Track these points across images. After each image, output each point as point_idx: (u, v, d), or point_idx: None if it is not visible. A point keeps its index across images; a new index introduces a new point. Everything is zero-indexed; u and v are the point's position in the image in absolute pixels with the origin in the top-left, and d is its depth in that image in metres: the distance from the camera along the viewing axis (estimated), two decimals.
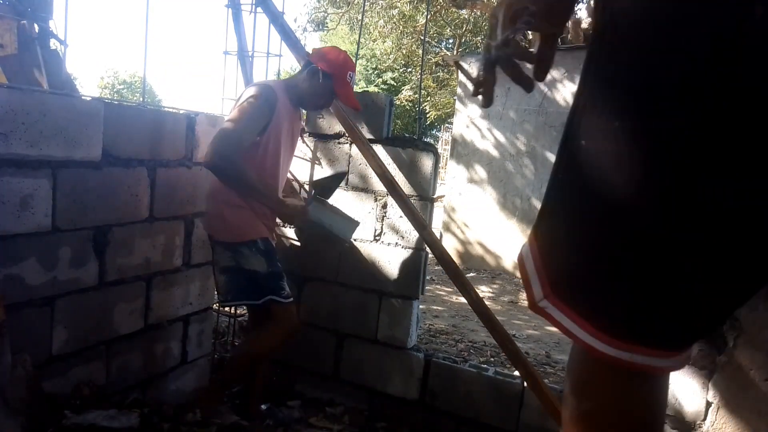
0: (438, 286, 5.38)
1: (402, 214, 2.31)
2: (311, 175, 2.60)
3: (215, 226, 2.13)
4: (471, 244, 6.31)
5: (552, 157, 5.67)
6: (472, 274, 5.97)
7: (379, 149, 2.41)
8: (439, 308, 4.63)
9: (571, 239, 0.70)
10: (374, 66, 20.64)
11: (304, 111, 2.46)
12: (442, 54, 13.65)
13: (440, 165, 2.81)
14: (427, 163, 2.37)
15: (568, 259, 0.70)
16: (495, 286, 5.67)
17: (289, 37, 2.50)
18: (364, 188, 2.50)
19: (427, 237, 2.27)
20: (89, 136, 1.88)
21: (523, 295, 5.41)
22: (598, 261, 0.67)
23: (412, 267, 2.41)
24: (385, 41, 13.43)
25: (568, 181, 0.70)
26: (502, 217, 6.06)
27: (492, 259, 6.19)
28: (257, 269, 2.08)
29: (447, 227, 6.47)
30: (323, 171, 2.57)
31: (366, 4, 10.62)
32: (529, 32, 0.83)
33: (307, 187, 2.61)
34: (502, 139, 6.04)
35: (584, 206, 0.67)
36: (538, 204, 5.81)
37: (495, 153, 6.09)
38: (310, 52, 2.26)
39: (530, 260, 0.74)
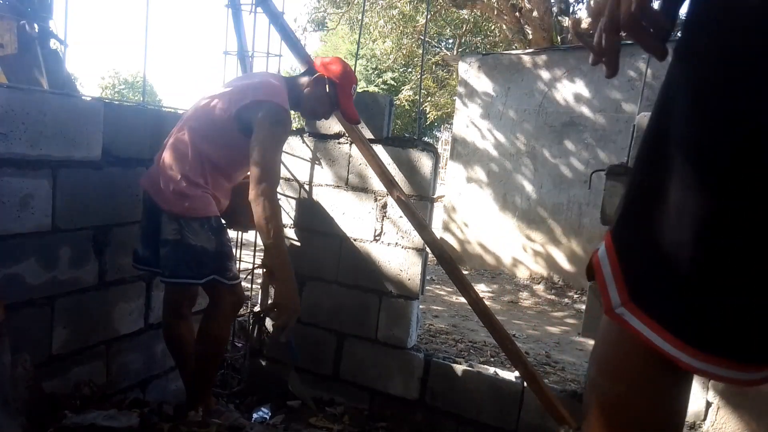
0: (438, 286, 5.38)
1: (402, 213, 2.31)
2: (311, 176, 2.60)
3: (166, 195, 1.92)
4: (471, 243, 6.31)
5: (552, 157, 5.70)
6: (471, 274, 5.97)
7: (379, 149, 2.41)
8: (439, 308, 4.63)
9: (654, 247, 0.67)
10: (374, 66, 20.63)
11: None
12: (442, 54, 13.64)
13: (440, 165, 2.81)
14: (427, 163, 2.37)
15: (656, 269, 0.67)
16: (495, 285, 5.67)
17: (289, 37, 2.49)
18: (363, 188, 2.50)
19: (427, 237, 2.27)
20: (89, 135, 1.88)
21: (523, 295, 5.42)
22: (691, 274, 0.64)
23: (412, 267, 2.41)
24: (385, 41, 13.42)
25: (660, 192, 0.67)
26: (502, 216, 6.06)
27: (492, 259, 6.19)
28: (205, 246, 1.93)
29: (447, 227, 6.47)
30: (323, 171, 2.57)
31: (366, 4, 10.61)
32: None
33: (306, 187, 2.62)
34: (502, 138, 6.04)
35: (680, 219, 0.64)
36: (538, 204, 5.81)
37: (495, 153, 6.09)
38: (313, 59, 2.21)
39: (607, 265, 0.72)
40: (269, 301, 2.22)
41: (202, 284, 1.97)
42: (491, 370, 2.37)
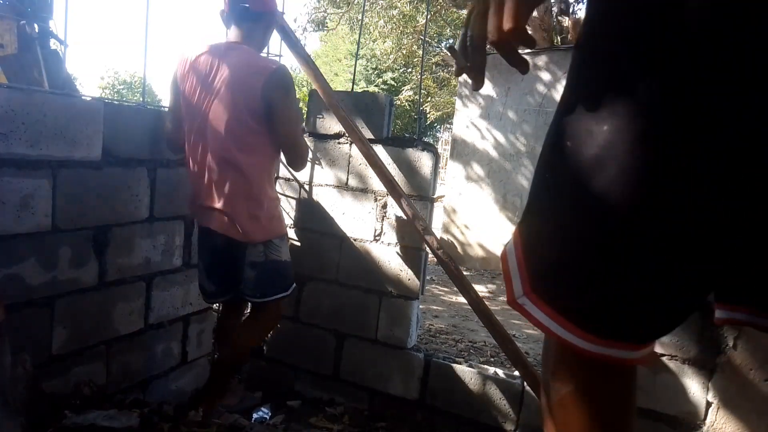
0: (438, 286, 5.38)
1: (402, 214, 2.31)
2: (311, 176, 2.60)
3: (248, 229, 1.94)
4: (471, 243, 6.31)
5: None
6: (471, 274, 5.97)
7: (379, 149, 2.41)
8: (439, 308, 4.63)
9: (551, 236, 0.71)
10: (374, 66, 20.64)
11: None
12: (442, 54, 13.64)
13: (440, 165, 2.81)
14: (427, 163, 2.37)
15: (548, 256, 0.71)
16: (494, 286, 5.67)
17: (289, 37, 2.49)
18: (363, 188, 2.50)
19: (426, 237, 2.27)
20: (89, 136, 1.88)
21: None
22: (575, 258, 0.68)
23: (412, 267, 2.41)
24: (385, 41, 13.43)
25: (553, 181, 0.71)
26: (502, 217, 6.06)
27: (492, 259, 6.19)
28: (286, 259, 2.08)
29: (447, 227, 6.47)
30: (323, 171, 2.57)
31: (366, 4, 10.62)
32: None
33: (306, 187, 2.62)
34: (501, 139, 6.04)
35: (566, 205, 0.69)
36: None
37: (495, 153, 6.09)
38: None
39: (513, 257, 0.75)
40: None
41: (289, 295, 2.11)
42: (491, 370, 2.37)
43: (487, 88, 6.10)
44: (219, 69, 1.91)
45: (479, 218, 6.21)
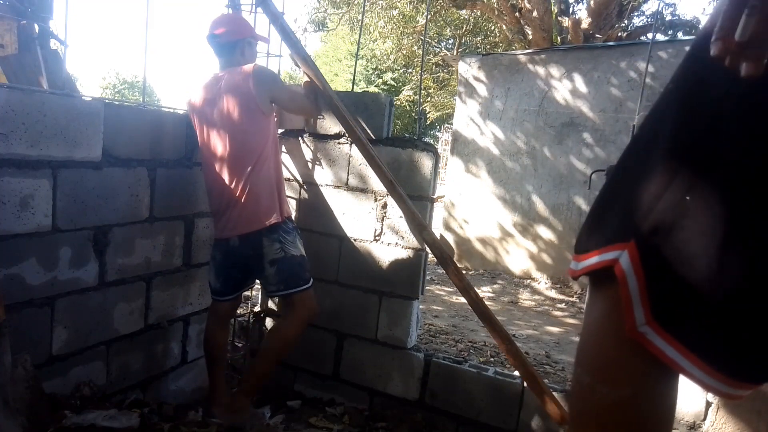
0: (438, 286, 5.38)
1: (402, 214, 2.31)
2: (311, 176, 2.60)
3: (262, 216, 2.14)
4: (471, 243, 6.31)
5: (552, 157, 5.70)
6: (471, 274, 5.97)
7: (379, 149, 2.41)
8: (439, 308, 4.63)
9: (702, 270, 0.61)
10: (374, 66, 20.64)
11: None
12: (442, 54, 13.64)
13: (440, 164, 2.81)
14: (427, 163, 2.37)
15: (686, 290, 0.63)
16: (495, 286, 5.67)
17: (289, 37, 2.49)
18: (363, 188, 2.50)
19: (426, 237, 2.27)
20: (89, 136, 1.88)
21: (523, 295, 5.42)
22: (725, 297, 0.60)
23: (412, 267, 2.41)
24: (385, 41, 13.42)
25: (709, 205, 0.61)
26: (502, 216, 6.06)
27: (492, 259, 6.19)
28: (303, 253, 2.22)
29: (447, 226, 6.47)
30: (323, 171, 2.57)
31: (366, 4, 10.61)
32: None
33: (306, 187, 2.62)
34: (502, 138, 6.04)
35: (730, 238, 0.59)
36: (538, 203, 5.81)
37: (495, 152, 6.09)
38: (220, 27, 2.27)
39: (634, 280, 0.65)
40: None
41: (310, 287, 2.21)
42: (491, 370, 2.37)
43: (487, 88, 6.10)
44: (216, 103, 2.15)
45: (479, 218, 6.21)
